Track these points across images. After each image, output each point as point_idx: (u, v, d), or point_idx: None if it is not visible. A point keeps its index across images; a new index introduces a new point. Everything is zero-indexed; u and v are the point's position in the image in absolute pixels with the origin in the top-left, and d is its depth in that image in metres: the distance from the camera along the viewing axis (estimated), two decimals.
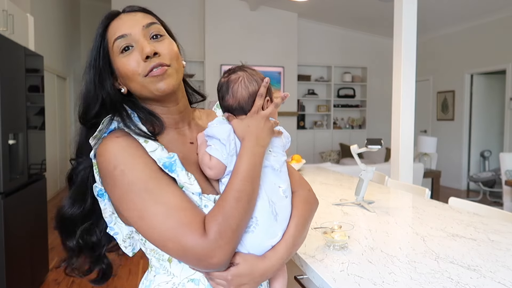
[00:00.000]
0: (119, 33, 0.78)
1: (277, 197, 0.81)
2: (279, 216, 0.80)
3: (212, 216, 0.71)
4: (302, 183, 0.91)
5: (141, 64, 0.77)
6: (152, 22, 0.81)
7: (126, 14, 0.82)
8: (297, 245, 0.84)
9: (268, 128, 0.81)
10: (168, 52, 0.79)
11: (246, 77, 0.85)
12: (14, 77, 2.38)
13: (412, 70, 3.22)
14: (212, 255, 0.68)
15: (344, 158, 7.14)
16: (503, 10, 5.81)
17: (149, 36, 0.79)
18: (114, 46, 0.78)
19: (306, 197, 0.89)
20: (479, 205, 1.75)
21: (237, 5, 6.97)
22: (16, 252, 2.36)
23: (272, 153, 0.83)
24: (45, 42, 5.69)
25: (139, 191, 0.70)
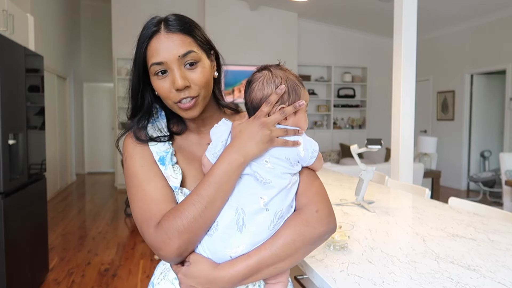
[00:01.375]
0: (155, 59, 0.81)
1: (251, 208, 0.74)
2: (246, 227, 0.74)
3: (168, 212, 0.76)
4: (313, 201, 0.79)
5: (172, 92, 0.82)
6: (188, 51, 0.81)
7: (165, 35, 0.82)
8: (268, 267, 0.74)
9: (261, 136, 0.75)
10: (198, 82, 0.82)
11: (267, 78, 0.81)
12: (14, 77, 2.38)
13: (412, 70, 3.22)
14: (159, 247, 0.74)
15: (344, 158, 7.14)
16: (503, 10, 5.81)
17: (183, 64, 0.82)
18: (151, 68, 0.83)
19: (307, 217, 0.77)
20: (479, 205, 1.75)
21: (237, 5, 6.98)
22: (16, 252, 2.36)
23: (267, 164, 0.76)
24: (45, 42, 5.69)
25: (130, 176, 0.83)
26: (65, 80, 7.13)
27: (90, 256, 3.48)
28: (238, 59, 6.83)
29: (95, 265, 3.28)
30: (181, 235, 0.73)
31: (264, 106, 0.78)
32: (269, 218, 0.75)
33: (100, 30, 8.14)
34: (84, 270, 3.18)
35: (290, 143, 0.78)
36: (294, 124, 0.81)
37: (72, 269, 3.19)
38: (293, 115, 0.80)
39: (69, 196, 6.25)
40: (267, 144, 0.76)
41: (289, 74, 0.83)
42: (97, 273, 3.11)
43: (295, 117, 0.81)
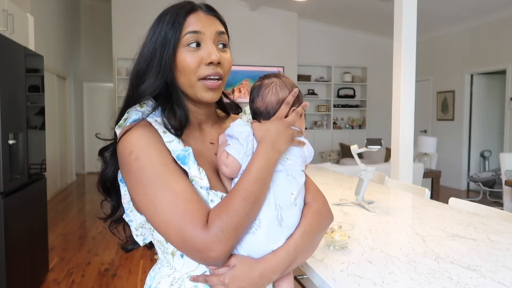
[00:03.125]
0: (194, 28, 0.80)
1: (286, 203, 0.80)
2: (284, 222, 0.79)
3: (217, 211, 0.72)
4: (317, 196, 0.88)
5: (202, 66, 0.80)
6: (224, 31, 0.85)
7: (204, 12, 0.83)
8: (301, 254, 0.81)
9: (287, 135, 0.81)
10: (228, 65, 0.85)
11: (279, 83, 0.87)
12: (14, 77, 2.38)
13: (412, 70, 3.23)
14: (211, 248, 0.69)
15: (344, 158, 7.14)
16: (503, 10, 5.81)
17: (217, 43, 0.83)
18: (185, 37, 0.80)
19: (319, 209, 0.86)
20: (479, 205, 1.75)
21: (237, 5, 6.98)
22: (16, 252, 2.36)
23: (288, 160, 0.83)
24: (45, 42, 5.69)
25: (150, 176, 0.73)
26: (65, 80, 7.13)
27: (90, 256, 3.48)
28: (238, 59, 6.80)
29: (95, 265, 3.28)
30: (237, 232, 0.72)
31: (284, 107, 0.84)
32: (298, 211, 0.82)
33: (100, 30, 8.14)
34: (84, 270, 3.18)
35: (302, 143, 0.86)
36: (298, 126, 0.87)
37: (72, 269, 3.19)
38: (299, 118, 0.86)
39: (69, 196, 6.25)
40: (291, 143, 0.82)
41: (291, 81, 0.90)
42: (97, 273, 3.11)
43: (300, 119, 0.87)
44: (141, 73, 0.83)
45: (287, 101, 0.84)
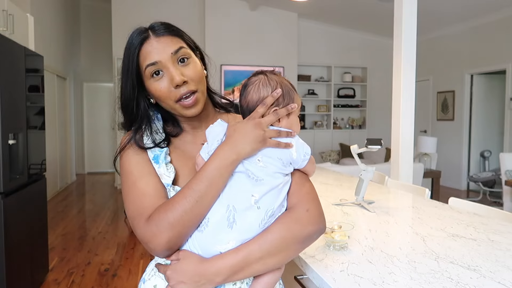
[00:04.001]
0: (149, 60, 0.84)
1: (242, 205, 0.76)
2: (237, 224, 0.75)
3: (159, 206, 0.77)
4: (303, 201, 0.81)
5: (172, 91, 0.84)
6: (179, 47, 0.86)
7: (155, 39, 0.85)
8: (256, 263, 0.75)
9: (254, 136, 0.77)
10: (194, 76, 0.86)
11: (263, 81, 0.84)
12: (14, 77, 2.38)
13: (412, 70, 3.22)
14: (148, 240, 0.75)
15: (344, 158, 7.14)
16: (503, 10, 5.81)
17: (177, 61, 0.85)
18: (146, 71, 0.85)
19: (298, 216, 0.78)
20: (479, 205, 1.75)
21: (237, 5, 6.97)
22: (16, 252, 2.36)
23: (260, 162, 0.78)
24: (45, 42, 5.69)
25: (126, 174, 0.85)
26: (65, 80, 7.13)
27: (90, 256, 3.48)
28: (238, 59, 6.83)
29: (95, 265, 3.28)
30: (172, 228, 0.74)
31: (259, 107, 0.81)
32: (260, 216, 0.76)
33: (100, 30, 8.14)
34: (84, 270, 3.18)
35: (283, 145, 0.80)
36: (287, 127, 0.83)
37: (72, 269, 3.19)
38: (286, 117, 0.83)
39: (69, 196, 6.25)
40: (260, 144, 0.78)
41: (283, 79, 0.86)
42: (97, 273, 3.11)
43: (288, 119, 0.83)
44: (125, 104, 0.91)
45: (264, 101, 0.81)
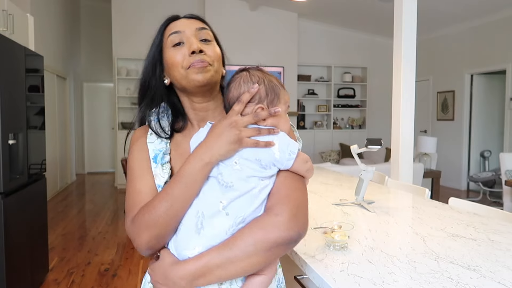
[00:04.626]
0: (174, 29, 0.89)
1: (210, 211, 0.73)
2: (205, 230, 0.73)
3: (141, 207, 0.79)
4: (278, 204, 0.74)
5: (186, 58, 0.85)
6: (204, 27, 0.90)
7: (183, 19, 0.92)
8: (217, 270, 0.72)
9: (229, 136, 0.73)
10: (212, 54, 0.87)
11: (244, 78, 0.81)
12: (14, 77, 2.38)
13: (412, 70, 3.22)
14: (132, 238, 0.79)
15: (344, 158, 7.14)
16: (503, 10, 5.81)
17: (199, 38, 0.88)
18: (168, 40, 0.88)
19: (264, 222, 0.73)
20: (479, 205, 1.75)
21: (237, 5, 6.97)
22: (16, 252, 2.36)
23: (237, 165, 0.74)
24: (45, 42, 5.69)
25: (128, 170, 0.88)
26: (65, 80, 7.13)
27: (90, 256, 3.48)
28: (238, 59, 6.83)
29: (95, 265, 3.28)
30: (149, 229, 0.76)
31: (235, 104, 0.77)
32: (229, 222, 0.73)
33: (100, 30, 8.14)
34: (84, 270, 3.18)
35: (262, 144, 0.74)
36: (272, 124, 0.78)
37: (72, 269, 3.19)
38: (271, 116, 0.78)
39: (69, 196, 6.25)
40: (235, 145, 0.73)
41: (268, 75, 0.83)
42: (97, 273, 3.11)
43: (274, 118, 0.78)
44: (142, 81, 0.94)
45: (240, 99, 0.77)
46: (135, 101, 4.49)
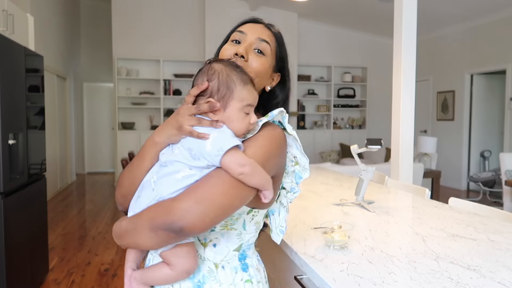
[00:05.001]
0: (241, 29, 0.94)
1: (148, 184, 0.82)
2: (140, 199, 0.82)
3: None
4: (184, 193, 0.75)
5: (230, 54, 0.90)
6: (266, 40, 0.93)
7: (259, 23, 0.97)
8: (126, 236, 0.80)
9: (172, 123, 0.80)
10: (255, 65, 0.90)
11: (203, 70, 0.83)
12: (14, 77, 2.38)
13: (412, 70, 3.22)
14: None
15: (344, 158, 7.14)
16: (503, 10, 5.81)
17: (254, 47, 0.91)
18: (232, 35, 0.95)
19: (158, 204, 0.76)
20: (479, 205, 1.75)
21: (237, 5, 6.98)
22: (16, 252, 2.36)
23: (176, 150, 0.79)
24: (45, 42, 5.69)
25: None
26: (65, 80, 7.13)
27: (90, 256, 3.48)
28: None
29: (95, 265, 3.28)
30: (118, 188, 0.90)
31: (187, 96, 0.82)
32: (150, 197, 0.79)
33: (100, 30, 8.14)
34: (84, 270, 3.18)
35: (195, 134, 0.76)
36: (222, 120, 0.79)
37: (72, 269, 3.19)
38: (222, 111, 0.79)
39: (69, 196, 6.25)
40: (175, 131, 0.79)
41: (227, 70, 0.81)
42: (97, 273, 3.11)
43: (224, 113, 0.79)
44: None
45: (190, 92, 0.82)
46: (135, 101, 4.56)
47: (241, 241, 0.89)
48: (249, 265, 0.91)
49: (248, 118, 0.80)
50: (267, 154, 0.81)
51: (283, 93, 0.98)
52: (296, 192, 0.94)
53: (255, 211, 0.88)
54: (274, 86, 0.97)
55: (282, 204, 0.94)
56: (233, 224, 0.85)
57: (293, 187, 0.93)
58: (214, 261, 0.86)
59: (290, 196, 0.94)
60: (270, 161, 0.81)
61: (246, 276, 0.89)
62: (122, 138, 6.91)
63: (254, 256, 0.95)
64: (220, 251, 0.86)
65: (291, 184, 0.93)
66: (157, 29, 6.90)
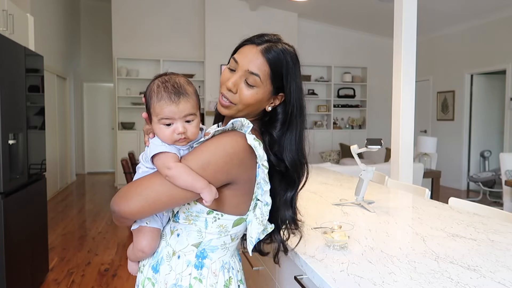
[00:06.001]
0: (237, 57, 0.97)
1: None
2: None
3: None
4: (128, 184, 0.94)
5: (223, 87, 0.96)
6: (257, 74, 0.93)
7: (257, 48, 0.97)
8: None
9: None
10: (244, 98, 0.94)
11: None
12: (14, 77, 2.38)
13: (412, 70, 3.22)
14: None
15: (344, 158, 7.14)
16: (503, 10, 5.81)
17: (245, 79, 0.94)
18: (231, 60, 0.98)
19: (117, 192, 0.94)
20: (479, 205, 1.75)
21: (237, 5, 6.98)
22: (16, 252, 2.36)
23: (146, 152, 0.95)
24: (45, 42, 5.69)
25: None
26: (65, 80, 7.13)
27: (90, 256, 3.48)
28: None
29: (95, 265, 3.28)
30: None
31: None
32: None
33: (100, 30, 8.14)
34: (84, 270, 3.18)
35: (145, 141, 0.96)
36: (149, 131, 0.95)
37: (72, 269, 3.19)
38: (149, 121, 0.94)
39: (69, 196, 6.25)
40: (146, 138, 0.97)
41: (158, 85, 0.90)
42: (97, 273, 3.11)
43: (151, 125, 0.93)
44: None
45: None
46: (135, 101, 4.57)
47: (201, 239, 0.95)
48: (205, 266, 0.95)
49: (171, 128, 0.89)
50: (207, 159, 0.88)
51: (284, 113, 0.99)
52: (267, 205, 0.94)
53: (217, 213, 0.92)
54: (277, 105, 1.00)
55: (255, 215, 0.95)
56: (194, 220, 0.94)
57: (266, 201, 0.93)
58: (173, 249, 0.97)
59: (265, 209, 0.94)
60: (212, 167, 0.87)
61: (196, 273, 0.95)
62: (122, 138, 6.91)
63: (219, 262, 0.97)
64: (181, 241, 0.96)
65: (262, 196, 0.94)
66: (157, 29, 6.90)
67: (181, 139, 0.89)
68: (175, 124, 0.89)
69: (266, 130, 0.98)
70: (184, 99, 0.89)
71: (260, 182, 0.92)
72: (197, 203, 0.92)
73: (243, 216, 0.96)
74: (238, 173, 0.90)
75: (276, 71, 0.96)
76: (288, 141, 0.97)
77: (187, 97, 0.89)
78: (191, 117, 0.90)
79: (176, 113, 0.88)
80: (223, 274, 0.97)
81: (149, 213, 0.90)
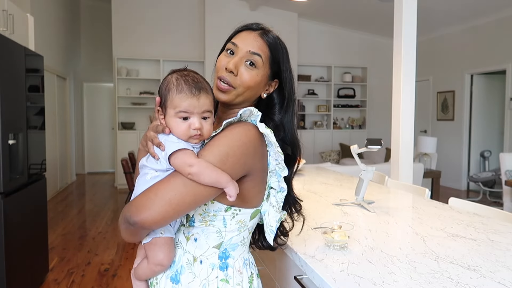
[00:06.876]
0: (235, 40, 0.96)
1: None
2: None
3: None
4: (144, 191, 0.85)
5: (222, 69, 0.94)
6: (257, 53, 0.94)
7: (255, 33, 0.97)
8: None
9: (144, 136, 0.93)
10: (244, 79, 0.93)
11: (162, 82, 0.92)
12: (14, 77, 2.38)
13: (412, 70, 3.22)
14: None
15: (344, 158, 7.14)
16: (503, 10, 5.81)
17: (246, 60, 0.93)
18: (227, 45, 0.97)
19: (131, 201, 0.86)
20: (479, 205, 1.75)
21: (237, 5, 6.98)
22: (16, 252, 2.36)
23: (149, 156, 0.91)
24: (45, 42, 5.69)
25: None
26: (65, 80, 7.13)
27: (90, 256, 3.48)
28: None
29: (95, 265, 3.28)
30: None
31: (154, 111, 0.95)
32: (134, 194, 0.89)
33: (100, 30, 8.14)
34: (84, 270, 3.18)
35: (156, 141, 0.87)
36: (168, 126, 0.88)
37: (72, 269, 3.19)
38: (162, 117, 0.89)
39: (69, 196, 6.25)
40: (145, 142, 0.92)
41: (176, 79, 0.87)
42: (97, 273, 3.11)
43: (165, 120, 0.88)
44: None
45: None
46: (135, 101, 4.58)
47: (222, 239, 0.92)
48: (230, 266, 0.93)
49: (187, 123, 0.86)
50: (225, 152, 0.84)
51: (280, 97, 1.00)
52: (284, 191, 0.95)
53: (235, 209, 0.90)
54: (271, 92, 1.00)
55: (271, 204, 0.95)
56: (211, 220, 0.90)
57: (281, 187, 0.94)
58: (193, 255, 0.92)
59: (280, 195, 0.95)
60: (231, 159, 0.84)
61: (222, 275, 0.92)
62: (122, 138, 6.91)
63: (241, 259, 0.96)
64: (200, 246, 0.92)
65: (278, 183, 0.94)
66: (157, 29, 6.90)
67: (196, 135, 0.86)
68: (192, 119, 0.86)
69: (267, 116, 0.97)
70: (204, 94, 0.87)
71: (274, 169, 0.93)
72: (214, 202, 0.89)
73: (258, 207, 0.95)
74: (253, 163, 0.89)
75: (275, 55, 0.97)
76: (286, 124, 0.98)
77: (207, 92, 0.88)
78: (208, 114, 0.88)
79: (196, 107, 0.85)
80: (246, 271, 0.96)
81: (173, 218, 0.82)
